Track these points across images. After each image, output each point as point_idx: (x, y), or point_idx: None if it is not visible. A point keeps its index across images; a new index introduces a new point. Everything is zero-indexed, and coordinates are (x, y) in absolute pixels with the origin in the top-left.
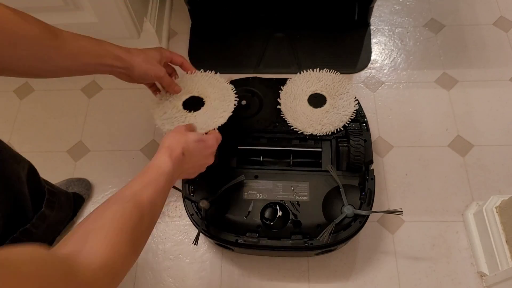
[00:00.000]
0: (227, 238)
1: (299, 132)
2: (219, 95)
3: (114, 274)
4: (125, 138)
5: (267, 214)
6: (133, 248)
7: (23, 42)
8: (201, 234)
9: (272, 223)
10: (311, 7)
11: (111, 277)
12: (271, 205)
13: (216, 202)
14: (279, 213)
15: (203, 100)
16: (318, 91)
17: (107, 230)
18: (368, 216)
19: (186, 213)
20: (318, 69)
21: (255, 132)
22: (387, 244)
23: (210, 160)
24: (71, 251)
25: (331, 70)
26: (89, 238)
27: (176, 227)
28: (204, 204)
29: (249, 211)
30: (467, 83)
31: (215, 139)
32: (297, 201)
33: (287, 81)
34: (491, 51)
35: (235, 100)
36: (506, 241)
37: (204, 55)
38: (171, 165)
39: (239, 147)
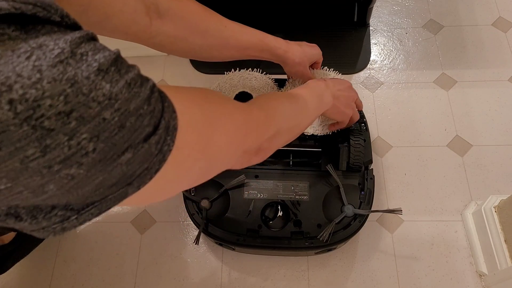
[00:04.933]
0: (228, 237)
1: None
2: (264, 91)
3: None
4: None
5: (267, 213)
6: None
7: (209, 34)
8: (202, 233)
9: (272, 223)
10: (310, 8)
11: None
12: (272, 204)
13: (217, 202)
14: (280, 213)
15: (252, 96)
16: None
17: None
18: (367, 215)
19: (187, 213)
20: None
21: None
22: (387, 244)
23: (349, 111)
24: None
25: (329, 70)
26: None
27: (177, 227)
28: (205, 203)
29: (250, 211)
30: (466, 83)
31: None
32: (297, 201)
33: (286, 82)
34: (490, 51)
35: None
36: (505, 241)
37: None
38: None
39: None
